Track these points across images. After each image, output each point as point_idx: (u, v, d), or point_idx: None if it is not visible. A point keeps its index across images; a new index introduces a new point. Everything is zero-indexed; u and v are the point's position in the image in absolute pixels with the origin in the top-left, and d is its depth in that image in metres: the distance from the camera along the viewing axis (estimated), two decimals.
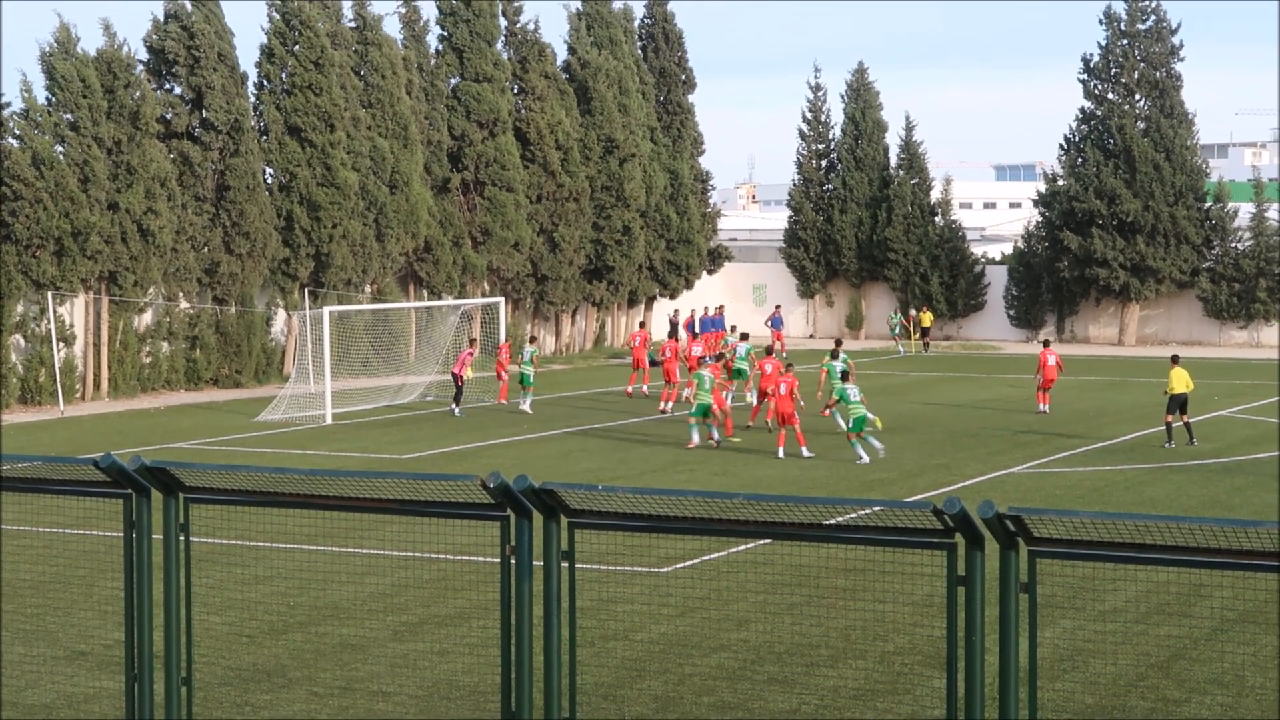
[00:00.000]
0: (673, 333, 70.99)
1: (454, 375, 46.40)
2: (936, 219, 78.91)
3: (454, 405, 45.97)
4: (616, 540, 12.37)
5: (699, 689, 17.12)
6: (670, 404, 46.04)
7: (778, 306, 73.91)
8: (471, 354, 47.41)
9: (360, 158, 58.47)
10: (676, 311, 73.17)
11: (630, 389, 50.06)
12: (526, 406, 46.16)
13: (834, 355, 42.28)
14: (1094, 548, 10.23)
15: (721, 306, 71.04)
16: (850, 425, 35.74)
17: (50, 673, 17.79)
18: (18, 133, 49.83)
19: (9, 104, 49.93)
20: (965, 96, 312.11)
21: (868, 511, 12.08)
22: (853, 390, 35.91)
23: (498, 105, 64.51)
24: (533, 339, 52.69)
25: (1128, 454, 36.97)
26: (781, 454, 36.24)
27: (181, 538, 12.54)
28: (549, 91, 67.05)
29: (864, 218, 79.07)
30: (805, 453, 36.03)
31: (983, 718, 10.57)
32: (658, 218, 72.72)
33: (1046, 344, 47.82)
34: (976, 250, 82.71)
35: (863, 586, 20.74)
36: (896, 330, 73.20)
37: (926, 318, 73.76)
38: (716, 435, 38.65)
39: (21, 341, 50.10)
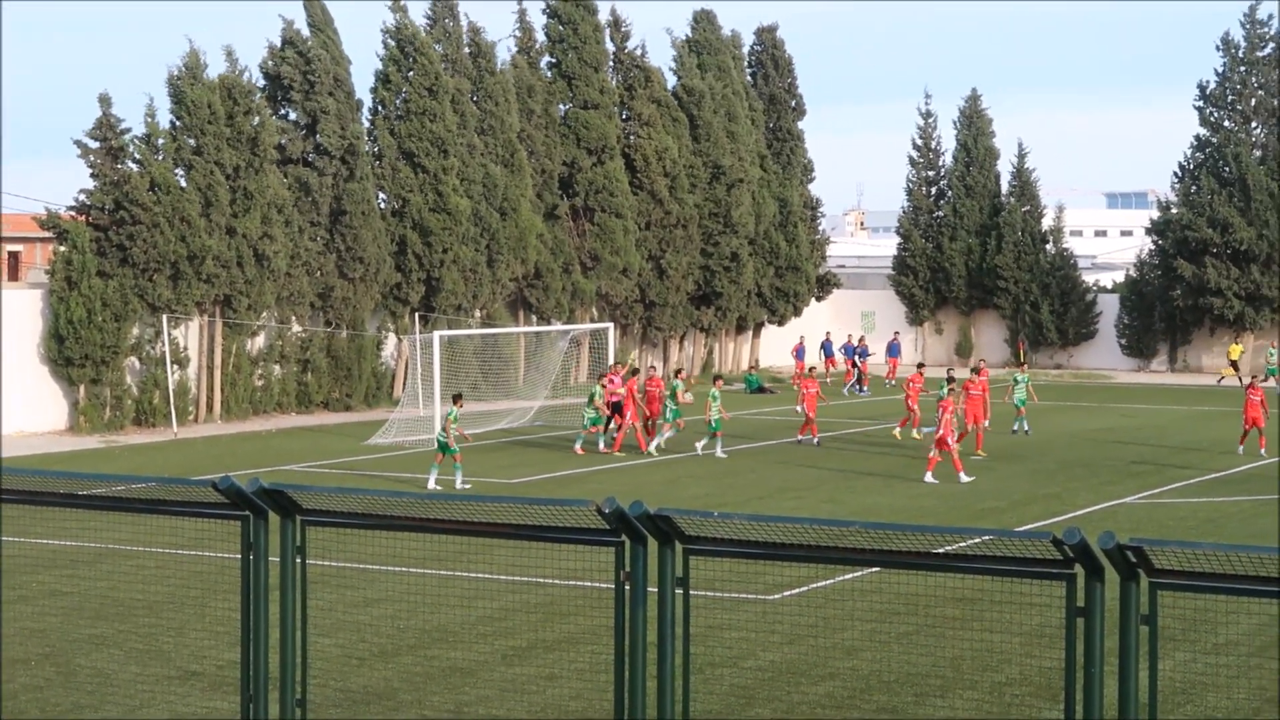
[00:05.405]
0: (829, 353, 70.35)
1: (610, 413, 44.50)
2: (1048, 247, 78.29)
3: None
4: (724, 566, 12.33)
5: (808, 717, 17.05)
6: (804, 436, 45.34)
7: (896, 333, 73.71)
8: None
9: (472, 184, 58.76)
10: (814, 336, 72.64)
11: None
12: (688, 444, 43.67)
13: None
14: (1216, 580, 10.11)
15: (863, 336, 70.47)
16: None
17: (164, 692, 17.97)
18: (137, 157, 50.46)
19: (130, 129, 50.63)
20: (1077, 123, 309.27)
21: (979, 540, 11.98)
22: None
23: (606, 131, 64.70)
24: (678, 372, 48.46)
25: (1241, 485, 36.49)
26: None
27: (298, 560, 12.63)
28: (656, 117, 67.15)
29: (974, 245, 78.59)
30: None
31: None
32: (766, 245, 72.64)
33: (1251, 384, 42.93)
34: (1088, 278, 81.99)
35: (973, 616, 20.61)
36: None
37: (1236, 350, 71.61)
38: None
39: (137, 364, 50.75)
